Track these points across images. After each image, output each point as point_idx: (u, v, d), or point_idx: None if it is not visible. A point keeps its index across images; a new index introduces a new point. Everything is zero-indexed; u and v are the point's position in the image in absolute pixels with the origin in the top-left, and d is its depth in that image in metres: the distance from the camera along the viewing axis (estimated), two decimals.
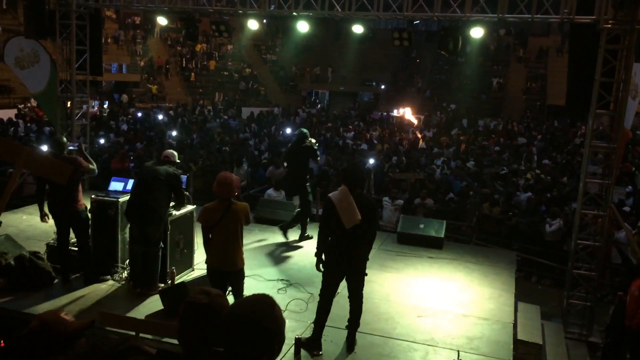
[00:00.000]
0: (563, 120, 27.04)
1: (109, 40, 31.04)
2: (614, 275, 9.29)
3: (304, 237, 8.85)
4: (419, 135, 20.96)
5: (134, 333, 4.61)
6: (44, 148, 12.65)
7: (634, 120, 23.76)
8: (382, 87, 35.61)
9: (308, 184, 8.79)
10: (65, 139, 7.30)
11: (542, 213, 11.01)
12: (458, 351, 2.51)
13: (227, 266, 5.45)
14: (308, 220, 8.94)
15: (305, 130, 8.86)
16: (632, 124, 10.83)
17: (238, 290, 5.52)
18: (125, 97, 29.86)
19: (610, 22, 7.19)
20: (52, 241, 7.16)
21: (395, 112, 29.82)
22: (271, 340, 1.89)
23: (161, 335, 5.10)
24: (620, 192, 11.61)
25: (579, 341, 7.27)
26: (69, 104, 10.73)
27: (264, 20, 34.73)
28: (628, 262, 7.34)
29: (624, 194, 11.87)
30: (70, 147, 9.22)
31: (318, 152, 8.94)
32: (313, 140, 8.73)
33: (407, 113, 26.07)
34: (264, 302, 1.97)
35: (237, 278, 5.52)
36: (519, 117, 29.14)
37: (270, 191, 11.50)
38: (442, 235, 9.04)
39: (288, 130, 21.80)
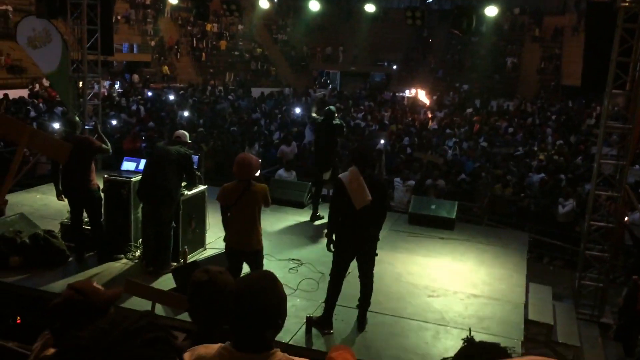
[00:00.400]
0: (578, 100, 26.71)
1: (119, 19, 30.97)
2: (627, 257, 9.23)
3: (315, 216, 8.88)
4: (430, 116, 20.82)
5: (149, 308, 4.65)
6: (56, 127, 12.77)
7: None
8: (394, 67, 35.29)
9: (337, 159, 8.86)
10: (78, 119, 7.34)
11: (554, 194, 10.93)
12: (469, 328, 2.52)
13: (244, 246, 5.46)
14: (320, 200, 8.97)
15: (333, 108, 8.91)
16: None
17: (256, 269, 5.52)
18: (135, 77, 29.87)
19: (627, 0, 7.03)
20: (66, 220, 7.23)
21: (407, 93, 29.62)
22: (274, 315, 1.91)
23: (184, 308, 5.16)
24: (636, 173, 11.48)
25: (590, 322, 7.26)
26: (80, 84, 10.75)
27: (275, 0, 34.53)
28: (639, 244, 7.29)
29: (639, 175, 11.74)
30: (87, 127, 9.27)
31: (345, 130, 9.02)
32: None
33: (419, 93, 25.89)
34: (267, 278, 1.99)
35: (254, 259, 5.52)
36: (533, 98, 28.79)
37: (281, 172, 11.49)
38: (454, 216, 9.01)
39: (298, 110, 21.76)
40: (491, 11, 9.12)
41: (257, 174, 5.61)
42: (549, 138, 17.50)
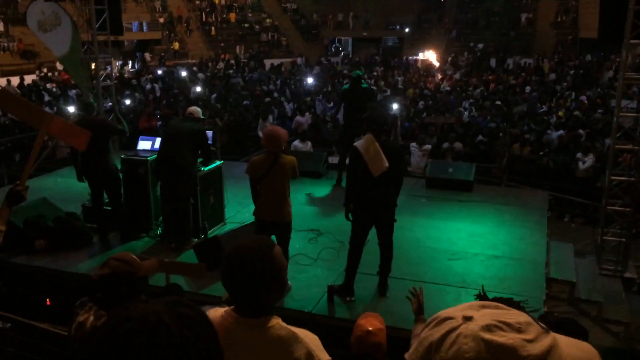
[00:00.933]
0: (597, 53, 26.05)
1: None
2: None
3: (340, 181, 8.87)
4: (440, 77, 20.52)
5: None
6: (72, 110, 12.86)
7: None
8: (407, 30, 34.67)
9: None
10: (92, 101, 7.39)
11: (573, 151, 10.77)
12: (482, 285, 2.53)
13: (274, 218, 5.45)
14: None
15: (359, 72, 8.77)
16: None
17: (284, 243, 5.52)
18: (148, 56, 29.84)
19: None
20: (87, 202, 7.35)
21: (420, 56, 29.17)
22: (263, 281, 1.91)
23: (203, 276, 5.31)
24: None
25: (613, 277, 7.22)
26: (93, 65, 10.78)
27: None
28: None
29: None
30: (105, 107, 9.30)
31: (376, 91, 8.89)
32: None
33: (430, 56, 25.53)
34: (262, 244, 1.99)
35: (284, 230, 5.51)
36: (551, 53, 28.15)
37: (297, 142, 11.49)
38: (472, 179, 8.95)
39: (310, 80, 21.63)
40: None
41: (285, 146, 5.59)
42: (567, 94, 17.17)
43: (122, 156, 7.13)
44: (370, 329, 3.19)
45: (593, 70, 22.51)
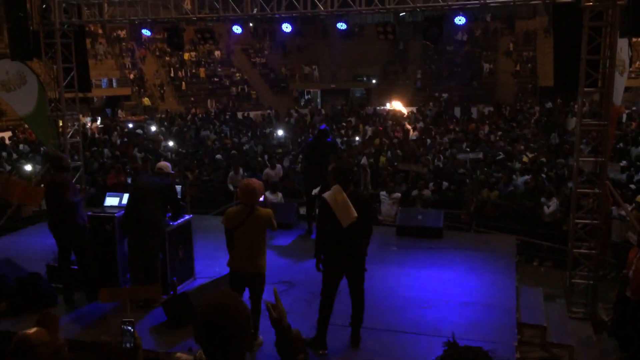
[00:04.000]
0: (556, 100, 27.06)
1: (99, 56, 31.09)
2: (617, 252, 9.28)
3: (311, 232, 8.90)
4: (408, 126, 20.98)
5: None
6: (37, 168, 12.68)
7: (629, 96, 23.80)
8: (373, 81, 35.60)
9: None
10: (63, 155, 7.34)
11: (538, 195, 11.01)
12: (452, 333, 2.51)
13: (247, 270, 5.42)
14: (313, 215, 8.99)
15: (325, 127, 9.14)
16: (624, 99, 10.83)
17: (257, 295, 5.48)
18: (120, 112, 29.96)
19: None
20: (52, 261, 7.17)
21: (387, 106, 29.88)
22: (241, 334, 2.02)
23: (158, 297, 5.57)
24: (615, 168, 11.62)
25: (583, 320, 7.27)
26: (60, 122, 10.71)
27: (250, 24, 34.79)
28: None
29: (618, 169, 11.88)
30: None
31: (339, 147, 9.23)
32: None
33: (396, 106, 26.20)
34: (229, 299, 2.07)
35: (256, 283, 5.47)
36: (512, 101, 29.19)
37: (268, 193, 11.48)
38: (441, 225, 9.05)
39: (280, 132, 21.89)
40: (460, 20, 9.23)
41: (262, 199, 5.64)
42: (530, 138, 17.71)
43: (89, 213, 7.02)
44: None
45: (554, 116, 23.31)
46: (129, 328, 2.70)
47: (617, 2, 6.98)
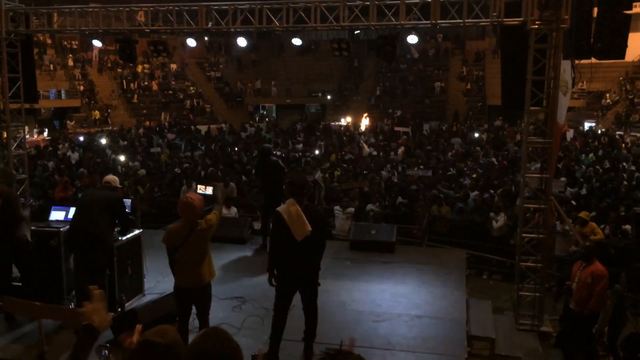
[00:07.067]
0: (504, 119, 27.97)
1: (50, 66, 30.25)
2: (563, 265, 9.59)
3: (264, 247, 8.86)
4: (363, 143, 21.23)
5: None
6: None
7: (572, 115, 24.78)
8: (328, 97, 35.92)
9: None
10: (11, 170, 7.09)
11: (487, 210, 11.30)
12: (341, 340, 2.55)
13: (193, 283, 5.29)
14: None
15: (266, 146, 9.06)
16: (567, 118, 11.29)
17: (203, 310, 5.39)
18: (69, 124, 29.15)
19: (537, 22, 7.47)
20: None
21: (342, 121, 30.18)
22: None
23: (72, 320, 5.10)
24: (559, 185, 12.06)
25: (530, 332, 7.46)
26: (5, 134, 10.34)
27: (205, 38, 34.61)
28: None
29: (562, 186, 12.33)
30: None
31: (283, 165, 9.18)
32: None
33: (350, 122, 26.51)
34: (219, 336, 2.07)
35: (202, 296, 5.36)
36: (462, 119, 30.02)
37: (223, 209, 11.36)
38: (394, 240, 9.15)
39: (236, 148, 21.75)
40: (413, 39, 9.45)
41: (210, 191, 5.51)
42: (480, 154, 18.20)
43: (32, 228, 6.78)
44: None
45: (503, 134, 24.07)
46: (105, 352, 2.61)
47: (560, 25, 7.30)
